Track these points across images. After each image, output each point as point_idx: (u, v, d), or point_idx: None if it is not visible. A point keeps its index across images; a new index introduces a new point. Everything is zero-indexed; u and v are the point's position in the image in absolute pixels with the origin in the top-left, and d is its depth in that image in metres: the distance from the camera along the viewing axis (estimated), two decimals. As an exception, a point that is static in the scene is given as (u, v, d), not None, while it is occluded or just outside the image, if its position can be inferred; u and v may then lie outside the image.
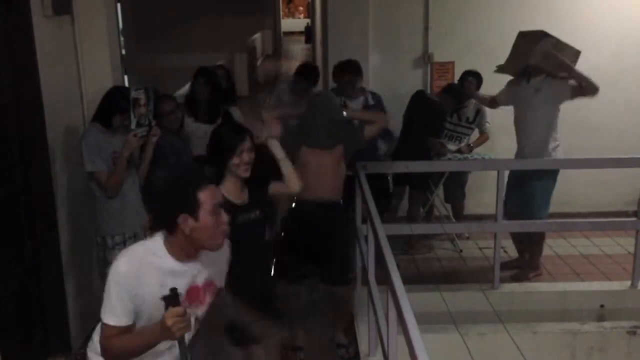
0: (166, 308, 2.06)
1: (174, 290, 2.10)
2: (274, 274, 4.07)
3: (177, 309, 2.01)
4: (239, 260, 2.59)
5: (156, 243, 2.20)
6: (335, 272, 4.01)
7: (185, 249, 2.19)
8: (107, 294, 2.12)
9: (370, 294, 3.68)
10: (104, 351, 2.17)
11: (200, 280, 2.27)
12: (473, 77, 5.34)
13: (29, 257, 3.73)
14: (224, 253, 2.41)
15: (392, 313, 2.72)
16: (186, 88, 5.74)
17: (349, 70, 4.86)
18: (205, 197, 2.14)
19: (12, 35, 3.52)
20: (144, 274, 2.13)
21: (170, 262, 2.18)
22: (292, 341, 4.15)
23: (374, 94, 5.04)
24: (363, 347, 4.04)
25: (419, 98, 5.29)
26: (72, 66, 4.18)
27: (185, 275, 2.21)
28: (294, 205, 4.00)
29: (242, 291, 2.67)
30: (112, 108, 3.63)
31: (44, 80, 3.67)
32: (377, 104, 4.97)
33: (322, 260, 3.97)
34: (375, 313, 3.49)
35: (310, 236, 3.90)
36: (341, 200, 4.04)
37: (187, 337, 2.26)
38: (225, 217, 2.19)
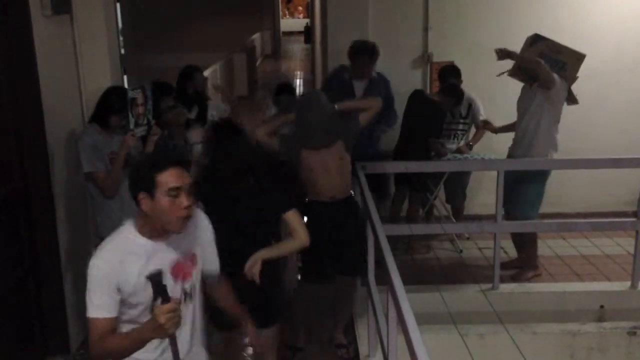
0: (155, 299, 2.10)
1: (162, 287, 2.11)
2: (300, 278, 4.03)
3: (168, 306, 2.02)
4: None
5: (127, 229, 2.22)
6: (352, 262, 3.97)
7: (154, 227, 2.20)
8: (91, 290, 2.12)
9: (370, 294, 3.67)
10: (95, 352, 2.15)
11: (180, 254, 2.27)
12: (451, 73, 5.39)
13: (27, 257, 3.72)
14: (200, 227, 2.39)
15: (392, 313, 2.71)
16: None
17: (365, 52, 4.91)
18: (164, 178, 2.14)
19: (11, 34, 3.51)
20: (124, 262, 2.14)
21: (145, 242, 2.19)
22: (293, 341, 4.15)
23: (377, 73, 5.07)
24: (363, 347, 4.03)
25: (417, 98, 5.28)
26: (71, 66, 4.18)
27: (164, 254, 2.22)
28: (307, 208, 3.94)
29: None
30: (109, 109, 3.62)
31: (43, 80, 3.66)
32: (381, 81, 5.00)
33: (340, 253, 3.93)
34: (375, 313, 3.49)
35: (327, 234, 3.85)
36: (352, 192, 4.01)
37: (190, 318, 2.31)
38: (184, 202, 2.16)
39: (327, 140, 3.81)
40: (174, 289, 2.23)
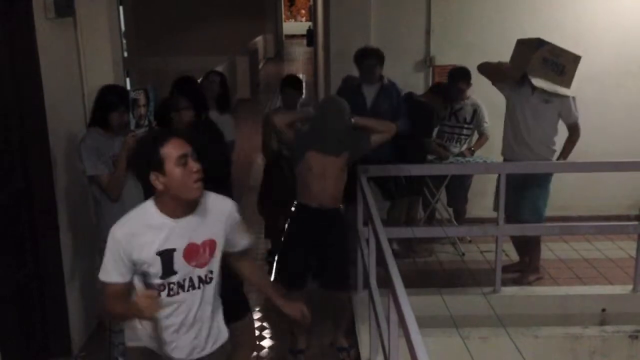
0: (164, 275, 2.28)
1: (170, 266, 2.28)
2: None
3: (146, 292, 2.19)
4: None
5: (148, 205, 2.33)
6: (334, 278, 3.99)
7: (172, 205, 2.29)
8: (106, 255, 2.30)
9: (371, 297, 3.67)
10: (106, 311, 2.42)
11: (198, 238, 2.34)
12: (461, 75, 5.40)
13: (30, 260, 3.73)
14: (226, 212, 2.45)
15: (393, 316, 2.71)
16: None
17: (372, 56, 4.90)
18: (169, 150, 2.23)
19: (14, 37, 3.53)
20: (138, 235, 2.27)
21: (162, 219, 2.29)
22: (294, 344, 4.15)
23: (390, 81, 5.04)
24: (364, 350, 4.03)
25: (408, 101, 5.28)
26: (74, 68, 4.19)
27: (180, 234, 2.30)
28: (294, 209, 3.99)
29: None
30: (105, 107, 3.60)
31: (46, 83, 3.67)
32: (393, 89, 4.99)
33: (321, 266, 3.96)
34: (376, 316, 3.48)
35: (310, 242, 3.90)
36: (340, 206, 4.04)
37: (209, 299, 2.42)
38: (194, 165, 2.24)
39: (337, 149, 3.83)
40: (185, 270, 2.33)
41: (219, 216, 2.40)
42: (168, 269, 2.30)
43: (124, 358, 3.68)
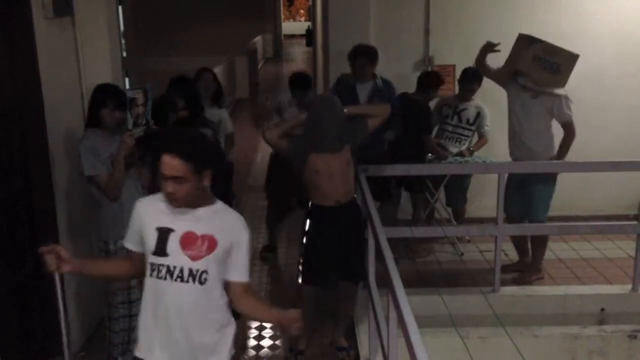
0: (155, 253, 2.41)
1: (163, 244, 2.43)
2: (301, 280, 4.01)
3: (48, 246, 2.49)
4: None
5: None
6: (357, 267, 3.96)
7: None
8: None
9: (370, 296, 3.67)
10: None
11: (198, 229, 2.42)
12: (476, 76, 5.39)
13: (29, 260, 3.72)
14: (234, 225, 2.49)
15: (393, 316, 2.72)
16: None
17: (364, 54, 4.91)
18: (161, 163, 2.37)
19: (13, 37, 3.52)
20: (151, 208, 2.47)
21: (163, 205, 2.44)
22: (294, 344, 4.15)
23: (384, 80, 5.03)
24: (363, 350, 4.03)
25: (402, 100, 5.28)
26: (73, 68, 4.18)
27: (180, 218, 2.42)
28: (311, 211, 3.95)
29: None
30: (96, 105, 3.58)
31: (44, 82, 3.66)
32: (386, 89, 4.98)
33: (346, 259, 3.92)
34: (375, 316, 3.49)
35: (334, 239, 3.87)
36: (355, 196, 4.03)
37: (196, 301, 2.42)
38: (166, 188, 2.36)
39: (338, 145, 3.83)
40: (177, 257, 2.39)
41: (225, 224, 2.47)
42: (161, 247, 2.39)
43: (123, 358, 3.68)
